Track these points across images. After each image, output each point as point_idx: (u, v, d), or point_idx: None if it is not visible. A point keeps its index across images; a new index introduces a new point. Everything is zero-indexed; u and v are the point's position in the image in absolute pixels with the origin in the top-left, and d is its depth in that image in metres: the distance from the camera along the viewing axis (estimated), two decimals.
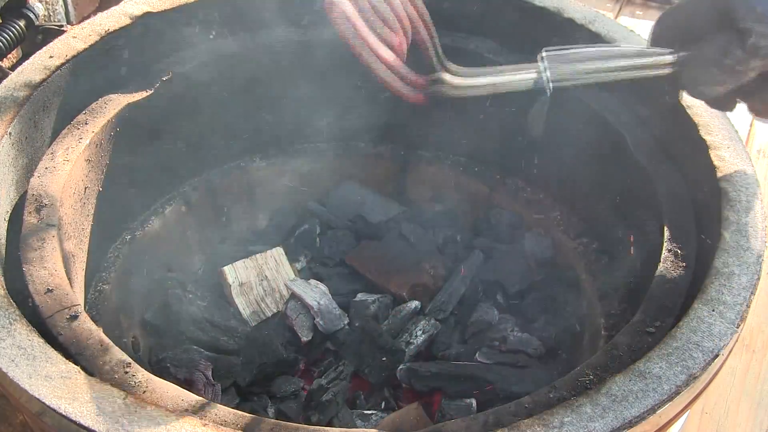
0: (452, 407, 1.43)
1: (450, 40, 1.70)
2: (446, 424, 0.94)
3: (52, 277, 1.11)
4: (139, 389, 0.96)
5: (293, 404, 1.44)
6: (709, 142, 1.29)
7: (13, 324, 0.98)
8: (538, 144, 1.70)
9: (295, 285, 1.61)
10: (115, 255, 1.55)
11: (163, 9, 1.55)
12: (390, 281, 1.64)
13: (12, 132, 1.26)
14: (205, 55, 1.61)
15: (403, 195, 1.90)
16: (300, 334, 1.54)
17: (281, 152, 1.85)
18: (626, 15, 2.89)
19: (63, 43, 1.43)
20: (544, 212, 1.72)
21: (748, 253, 1.11)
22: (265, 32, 1.68)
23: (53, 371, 0.92)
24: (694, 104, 1.36)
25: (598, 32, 1.53)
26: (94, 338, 1.03)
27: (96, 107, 1.44)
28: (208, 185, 1.76)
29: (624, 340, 1.08)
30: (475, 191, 1.83)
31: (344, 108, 1.82)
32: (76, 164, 1.33)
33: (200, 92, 1.62)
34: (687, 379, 0.95)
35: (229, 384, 1.44)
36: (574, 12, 1.57)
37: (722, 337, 1.00)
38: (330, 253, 1.74)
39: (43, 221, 1.19)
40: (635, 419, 0.91)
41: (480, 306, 1.62)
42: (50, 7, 2.26)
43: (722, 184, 1.22)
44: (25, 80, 1.33)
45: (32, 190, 1.24)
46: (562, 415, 0.91)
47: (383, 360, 1.48)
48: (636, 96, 1.50)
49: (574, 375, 1.02)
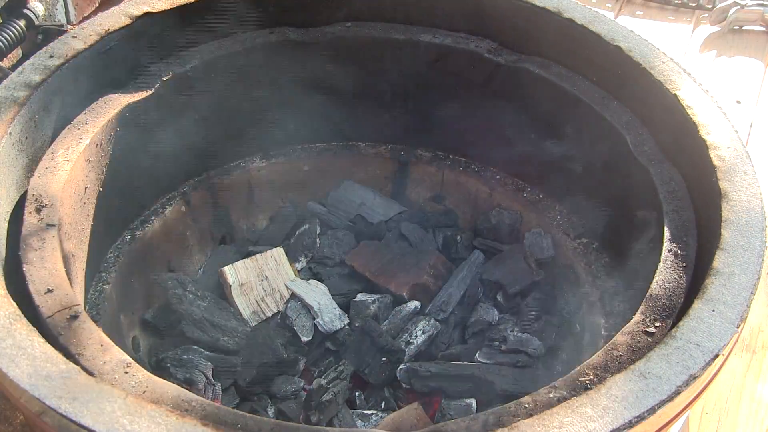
0: (452, 407, 1.43)
1: (450, 40, 1.70)
2: (446, 424, 0.94)
3: (52, 277, 1.11)
4: (139, 389, 0.96)
5: (293, 404, 1.44)
6: (709, 142, 1.29)
7: (13, 324, 0.98)
8: (538, 145, 1.70)
9: (296, 285, 1.61)
10: (115, 255, 1.55)
11: (163, 9, 1.55)
12: (390, 281, 1.64)
13: (12, 132, 1.25)
14: (205, 54, 1.61)
15: (403, 195, 1.90)
16: (300, 334, 1.54)
17: (282, 152, 1.85)
18: (626, 15, 2.90)
19: (63, 43, 1.43)
20: (544, 212, 1.72)
21: (748, 253, 1.11)
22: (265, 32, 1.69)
23: (53, 371, 0.92)
24: (694, 104, 1.36)
25: (598, 32, 1.53)
26: (94, 338, 1.03)
27: (96, 107, 1.43)
28: (208, 185, 1.75)
29: (624, 340, 1.08)
30: (475, 191, 1.83)
31: (344, 108, 1.82)
32: (77, 164, 1.33)
33: (200, 92, 1.62)
34: (687, 379, 0.95)
35: (229, 384, 1.44)
36: (574, 12, 1.57)
37: (722, 337, 1.00)
38: (330, 253, 1.74)
39: (43, 221, 1.19)
40: (635, 419, 0.90)
41: (480, 306, 1.62)
42: (50, 7, 2.26)
43: (722, 184, 1.21)
44: (25, 80, 1.33)
45: (32, 190, 1.24)
46: (562, 415, 0.91)
47: (383, 360, 1.48)
48: (636, 96, 1.50)
49: (574, 375, 1.02)
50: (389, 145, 1.89)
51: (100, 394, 0.89)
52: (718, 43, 2.77)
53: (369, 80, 1.77)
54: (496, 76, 1.67)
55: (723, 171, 1.24)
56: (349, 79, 1.76)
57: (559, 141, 1.65)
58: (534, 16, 1.61)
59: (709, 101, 1.37)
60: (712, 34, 2.81)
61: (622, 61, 1.49)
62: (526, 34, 1.64)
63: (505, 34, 1.67)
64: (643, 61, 1.46)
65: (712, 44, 2.77)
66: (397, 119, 1.84)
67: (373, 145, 1.90)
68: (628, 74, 1.49)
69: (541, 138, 1.69)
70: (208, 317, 1.51)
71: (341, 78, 1.76)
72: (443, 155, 1.87)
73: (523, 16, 1.63)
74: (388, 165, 1.89)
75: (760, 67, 2.66)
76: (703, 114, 1.34)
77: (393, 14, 1.73)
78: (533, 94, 1.64)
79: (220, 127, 1.72)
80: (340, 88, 1.77)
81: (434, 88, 1.75)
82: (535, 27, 1.62)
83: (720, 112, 1.34)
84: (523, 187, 1.78)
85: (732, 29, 2.79)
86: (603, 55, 1.53)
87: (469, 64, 1.69)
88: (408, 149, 1.88)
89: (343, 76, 1.76)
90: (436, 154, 1.87)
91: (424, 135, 1.86)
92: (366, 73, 1.76)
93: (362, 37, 1.71)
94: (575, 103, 1.56)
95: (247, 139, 1.79)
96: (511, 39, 1.67)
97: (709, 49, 2.75)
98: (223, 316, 1.54)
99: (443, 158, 1.86)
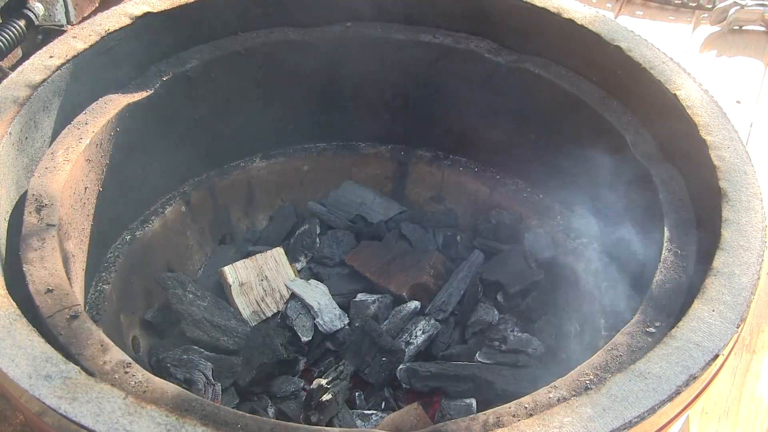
0: (452, 407, 1.43)
1: (451, 40, 1.70)
2: (446, 424, 0.94)
3: (52, 277, 1.11)
4: (139, 389, 0.96)
5: (293, 404, 1.44)
6: (709, 142, 1.29)
7: (13, 324, 0.98)
8: (538, 145, 1.70)
9: (295, 285, 1.61)
10: (115, 255, 1.55)
11: (163, 9, 1.55)
12: (390, 281, 1.64)
13: (12, 132, 1.25)
14: (205, 54, 1.61)
15: (403, 195, 1.90)
16: (300, 334, 1.54)
17: (282, 152, 1.85)
18: (626, 15, 2.90)
19: (63, 43, 1.43)
20: (544, 212, 1.72)
21: (748, 253, 1.11)
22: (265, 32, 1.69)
23: (53, 371, 0.92)
24: (694, 104, 1.36)
25: (598, 32, 1.53)
26: (94, 338, 1.03)
27: (96, 107, 1.44)
28: (208, 185, 1.75)
29: (624, 340, 1.08)
30: (475, 191, 1.83)
31: (344, 108, 1.82)
32: (77, 164, 1.33)
33: (200, 92, 1.62)
34: (687, 379, 0.95)
35: (229, 384, 1.44)
36: (574, 12, 1.57)
37: (722, 337, 1.00)
38: (330, 253, 1.74)
39: (43, 221, 1.19)
40: (635, 419, 0.91)
41: (480, 306, 1.62)
42: (50, 7, 2.26)
43: (722, 184, 1.21)
44: (25, 80, 1.33)
45: (32, 190, 1.24)
46: (562, 415, 0.91)
47: (383, 360, 1.48)
48: (636, 96, 1.50)
49: (574, 375, 1.02)
50: (389, 145, 1.89)
51: (100, 394, 0.89)
52: (718, 43, 2.77)
53: (369, 80, 1.77)
54: (496, 76, 1.67)
55: (723, 171, 1.24)
56: (349, 79, 1.76)
57: (559, 141, 1.65)
58: (534, 16, 1.61)
59: (709, 101, 1.36)
60: (712, 34, 2.81)
61: (622, 61, 1.49)
62: (526, 34, 1.64)
63: (505, 34, 1.67)
64: (643, 61, 1.46)
65: (712, 44, 2.77)
66: (397, 119, 1.84)
67: (373, 145, 1.90)
68: (628, 74, 1.49)
69: (541, 138, 1.69)
70: (208, 317, 1.51)
71: (341, 78, 1.76)
72: (443, 155, 1.87)
73: (523, 16, 1.63)
74: (388, 165, 1.89)
75: (760, 67, 2.65)
76: (703, 114, 1.34)
77: (393, 14, 1.73)
78: (533, 94, 1.64)
79: (220, 127, 1.72)
80: (340, 88, 1.77)
81: (434, 88, 1.75)
82: (535, 27, 1.62)
83: (720, 112, 1.34)
84: (523, 187, 1.78)
85: (732, 29, 2.79)
86: (603, 55, 1.53)
87: (469, 64, 1.69)
88: (408, 149, 1.88)
89: (343, 76, 1.76)
90: (436, 154, 1.87)
91: (424, 135, 1.86)
92: (366, 72, 1.76)
93: (362, 37, 1.71)
94: (575, 103, 1.56)
95: (246, 139, 1.79)
96: (511, 39, 1.67)
97: (709, 49, 2.75)
98: (223, 316, 1.54)
99: (443, 158, 1.86)
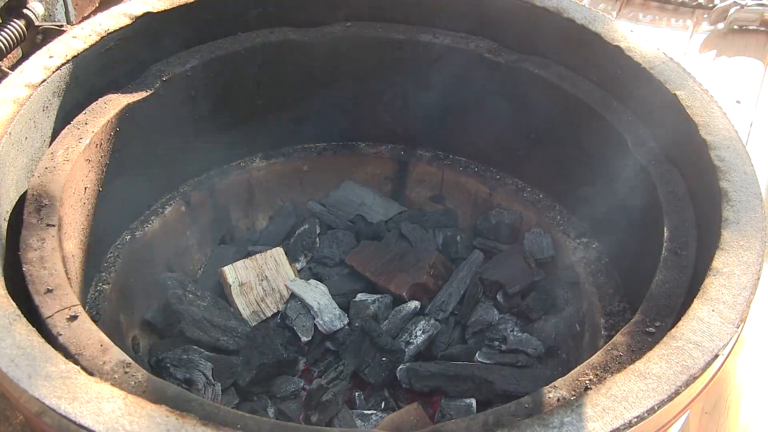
0: (452, 407, 1.43)
1: (450, 40, 1.70)
2: (446, 424, 0.94)
3: (52, 277, 1.11)
4: (139, 389, 0.96)
5: (293, 404, 1.44)
6: (709, 142, 1.29)
7: (13, 324, 0.98)
8: (538, 145, 1.70)
9: (295, 285, 1.61)
10: (115, 255, 1.55)
11: (163, 9, 1.55)
12: (390, 281, 1.64)
13: (12, 132, 1.25)
14: (205, 54, 1.61)
15: (403, 195, 1.90)
16: (300, 334, 1.54)
17: (282, 152, 1.85)
18: (626, 15, 2.90)
19: (63, 43, 1.43)
20: (544, 212, 1.72)
21: (748, 253, 1.11)
22: (265, 32, 1.69)
23: (53, 371, 0.92)
24: (694, 104, 1.36)
25: (598, 32, 1.53)
26: (94, 338, 1.03)
27: (96, 107, 1.44)
28: (208, 185, 1.75)
29: (624, 340, 1.08)
30: (475, 191, 1.83)
31: (344, 108, 1.82)
32: (76, 164, 1.33)
33: (200, 92, 1.62)
34: (687, 379, 0.95)
35: (229, 384, 1.44)
36: (574, 12, 1.57)
37: (722, 337, 1.00)
38: (330, 253, 1.74)
39: (43, 221, 1.19)
40: (635, 419, 0.90)
41: (480, 306, 1.62)
42: (50, 7, 2.26)
43: (722, 184, 1.21)
44: (25, 80, 1.33)
45: (32, 190, 1.24)
46: (562, 415, 0.91)
47: (383, 360, 1.48)
48: (636, 96, 1.50)
49: (574, 375, 1.02)
50: (389, 145, 1.89)
51: (100, 394, 0.89)
52: (718, 43, 2.77)
53: (369, 80, 1.78)
54: (496, 76, 1.67)
55: (723, 171, 1.24)
56: (349, 78, 1.76)
57: (559, 141, 1.65)
58: (534, 16, 1.61)
59: (709, 101, 1.37)
60: (712, 34, 2.81)
61: (622, 61, 1.49)
62: (526, 34, 1.64)
63: (505, 34, 1.68)
64: (643, 61, 1.46)
65: (712, 44, 2.77)
66: (397, 119, 1.84)
67: (373, 145, 1.90)
68: (628, 74, 1.49)
69: (541, 138, 1.69)
70: (208, 317, 1.51)
71: (341, 78, 1.76)
72: (443, 155, 1.87)
73: (523, 16, 1.63)
74: (388, 165, 1.89)
75: (760, 67, 2.66)
76: (703, 114, 1.34)
77: (393, 14, 1.73)
78: (533, 94, 1.64)
79: (220, 127, 1.72)
80: (340, 87, 1.77)
81: (434, 88, 1.75)
82: (535, 27, 1.63)
83: (720, 112, 1.34)
84: (523, 187, 1.78)
85: (732, 29, 2.80)
86: (603, 55, 1.53)
87: (468, 63, 1.69)
88: (408, 149, 1.88)
89: (343, 76, 1.76)
90: (436, 154, 1.87)
91: (424, 135, 1.86)
92: (366, 72, 1.76)
93: (362, 37, 1.71)
94: (575, 103, 1.56)
95: (247, 139, 1.79)
96: (511, 39, 1.67)
97: (709, 49, 2.75)
98: (222, 316, 1.54)
99: (443, 158, 1.86)
